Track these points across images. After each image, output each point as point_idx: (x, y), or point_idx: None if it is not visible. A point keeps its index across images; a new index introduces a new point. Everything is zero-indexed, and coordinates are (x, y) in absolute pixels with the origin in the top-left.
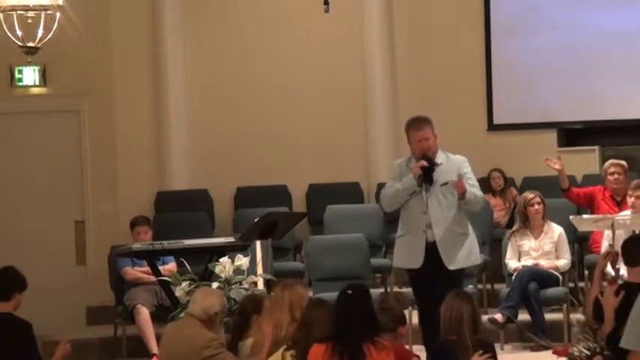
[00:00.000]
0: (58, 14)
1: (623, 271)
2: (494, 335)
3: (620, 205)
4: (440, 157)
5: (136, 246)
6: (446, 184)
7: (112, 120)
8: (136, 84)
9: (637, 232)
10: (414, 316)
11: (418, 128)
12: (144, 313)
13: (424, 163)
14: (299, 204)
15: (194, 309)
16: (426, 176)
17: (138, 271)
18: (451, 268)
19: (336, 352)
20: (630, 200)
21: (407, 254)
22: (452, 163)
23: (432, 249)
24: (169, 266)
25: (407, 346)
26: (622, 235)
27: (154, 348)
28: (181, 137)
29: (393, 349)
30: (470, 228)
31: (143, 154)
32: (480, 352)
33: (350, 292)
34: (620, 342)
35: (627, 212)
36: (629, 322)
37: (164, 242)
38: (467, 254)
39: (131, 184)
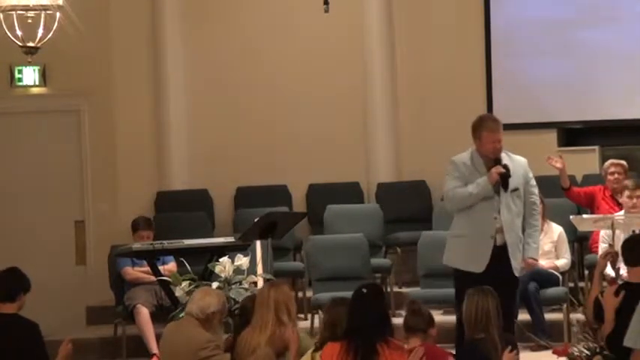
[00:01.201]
0: (58, 14)
1: (623, 271)
2: None
3: (621, 204)
4: (504, 158)
5: (136, 246)
6: (516, 190)
7: (112, 120)
8: (136, 84)
9: (637, 232)
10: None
11: (494, 130)
12: (144, 313)
13: (501, 169)
14: (299, 204)
15: (191, 308)
16: (503, 182)
17: (138, 271)
18: (518, 275)
19: (349, 350)
20: (632, 202)
21: (469, 256)
22: (517, 165)
23: (499, 253)
24: (169, 266)
25: None
26: (621, 235)
27: (153, 348)
28: (181, 137)
29: (426, 349)
30: None
31: (143, 154)
32: (509, 348)
33: (365, 290)
34: (624, 341)
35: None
36: (633, 321)
37: (164, 242)
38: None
39: (131, 184)
